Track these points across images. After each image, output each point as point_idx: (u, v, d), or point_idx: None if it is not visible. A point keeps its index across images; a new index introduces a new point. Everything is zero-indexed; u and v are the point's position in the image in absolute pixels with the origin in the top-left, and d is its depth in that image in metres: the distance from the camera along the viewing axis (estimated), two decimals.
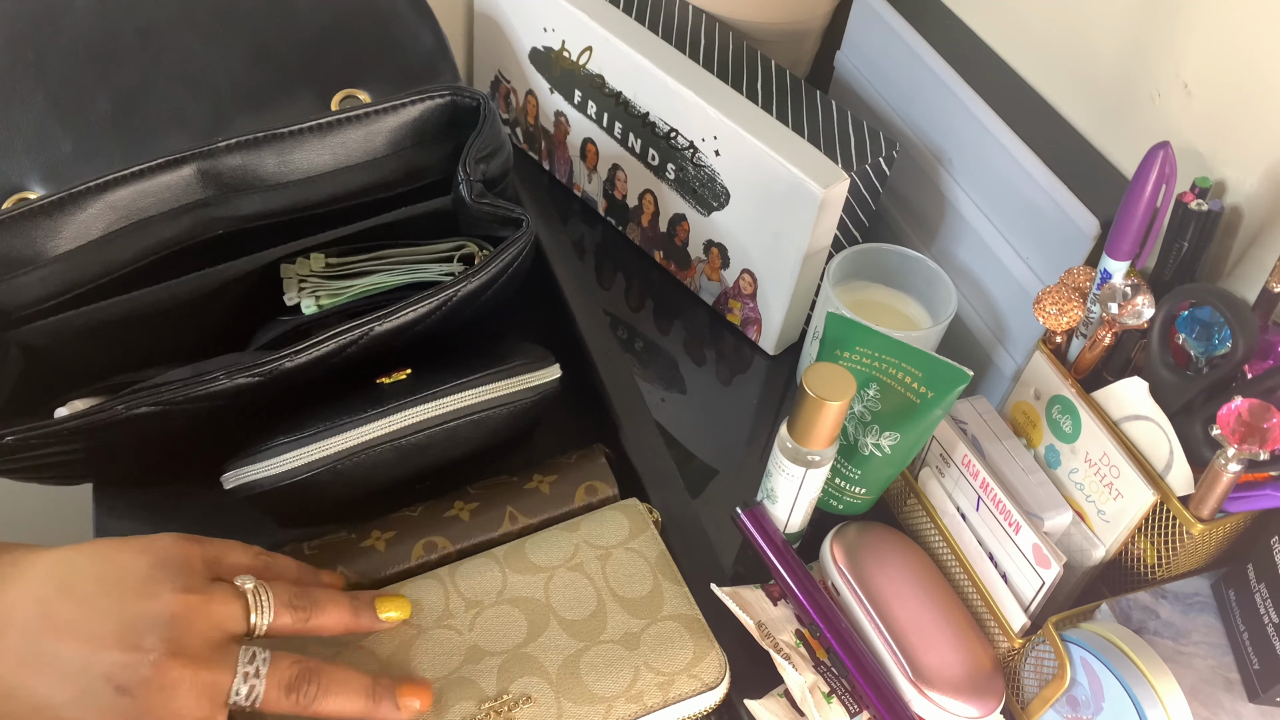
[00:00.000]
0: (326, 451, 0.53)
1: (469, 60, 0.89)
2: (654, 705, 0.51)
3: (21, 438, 0.50)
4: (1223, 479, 0.49)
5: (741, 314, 0.75)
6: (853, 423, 0.58)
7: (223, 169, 0.60)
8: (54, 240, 0.57)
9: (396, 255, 0.61)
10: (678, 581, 0.55)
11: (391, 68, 0.71)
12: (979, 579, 0.56)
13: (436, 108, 0.63)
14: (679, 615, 0.53)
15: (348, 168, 0.63)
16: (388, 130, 0.63)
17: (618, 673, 0.51)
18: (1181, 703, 0.47)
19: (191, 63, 0.67)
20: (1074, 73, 0.65)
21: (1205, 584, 0.54)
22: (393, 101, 0.62)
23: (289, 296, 0.59)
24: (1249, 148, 0.55)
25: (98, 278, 0.59)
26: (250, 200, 0.62)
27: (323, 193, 0.63)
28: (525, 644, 0.52)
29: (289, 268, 0.60)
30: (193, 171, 0.59)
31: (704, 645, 0.52)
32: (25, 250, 0.57)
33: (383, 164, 0.64)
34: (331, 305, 0.59)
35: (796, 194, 0.65)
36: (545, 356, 0.59)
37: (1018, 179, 0.64)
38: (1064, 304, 0.54)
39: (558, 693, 0.50)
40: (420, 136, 0.64)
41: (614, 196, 0.81)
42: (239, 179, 0.61)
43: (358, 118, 0.62)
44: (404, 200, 0.63)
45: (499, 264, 0.56)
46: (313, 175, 0.62)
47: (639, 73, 0.72)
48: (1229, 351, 0.50)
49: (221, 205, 0.61)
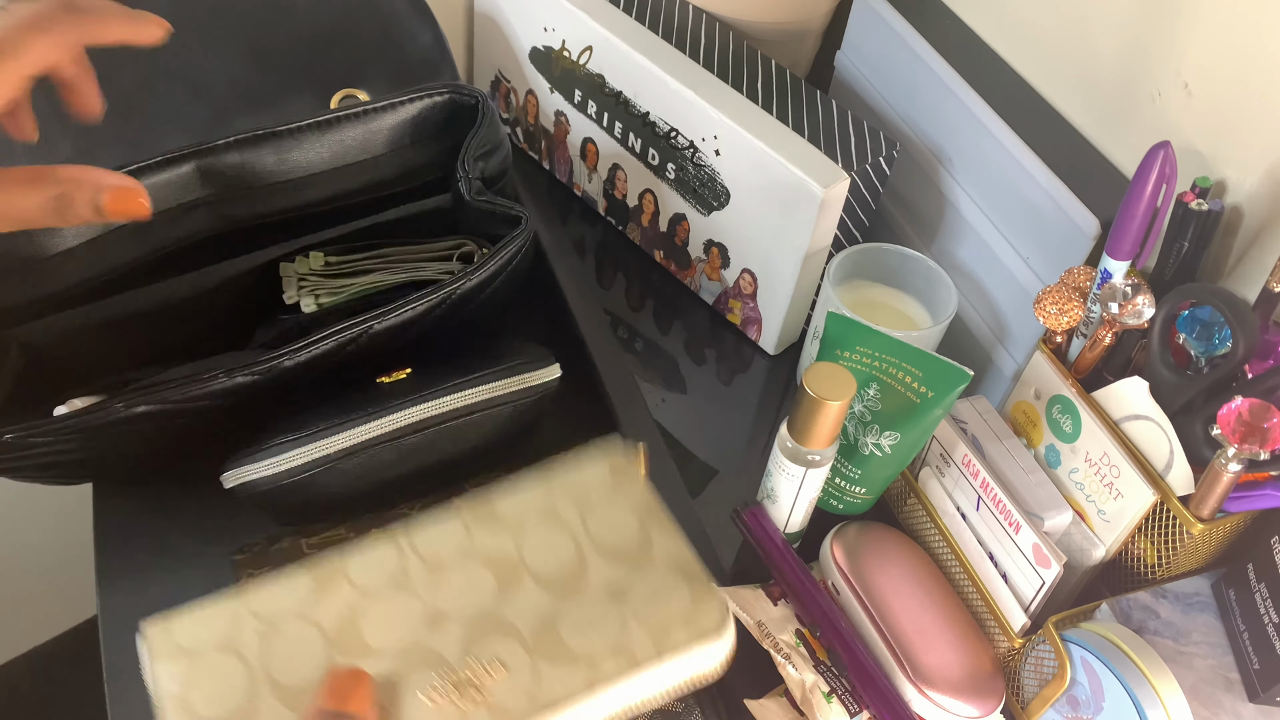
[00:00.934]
0: (326, 450, 0.53)
1: (469, 60, 0.89)
2: (646, 659, 0.44)
3: (21, 436, 0.50)
4: (1223, 479, 0.49)
5: (741, 314, 0.75)
6: (853, 423, 0.58)
7: (222, 167, 0.60)
8: (54, 238, 0.57)
9: (396, 254, 0.61)
10: (668, 525, 0.49)
11: (391, 67, 0.71)
12: (979, 579, 0.56)
13: (435, 106, 0.63)
14: (671, 561, 0.47)
15: (346, 165, 0.63)
16: (386, 128, 0.63)
17: (602, 627, 0.45)
18: (1181, 703, 0.47)
19: (191, 63, 0.67)
20: (1074, 73, 0.65)
21: (1205, 584, 0.54)
22: (391, 99, 0.62)
23: (288, 295, 0.59)
24: (1249, 148, 0.55)
25: (99, 276, 0.59)
26: (249, 199, 0.62)
27: (322, 190, 0.63)
28: (495, 605, 0.46)
29: (288, 266, 0.60)
30: (191, 169, 0.59)
31: (701, 590, 0.46)
32: (25, 248, 0.57)
33: (381, 162, 0.64)
34: (331, 304, 0.59)
35: (797, 194, 0.65)
36: (545, 356, 0.59)
37: (1018, 179, 0.64)
38: (1064, 304, 0.54)
39: (533, 655, 0.45)
40: (419, 135, 0.64)
41: (614, 196, 0.81)
42: (238, 177, 0.61)
43: (356, 116, 0.62)
44: (403, 198, 0.63)
45: (497, 262, 0.56)
46: (312, 173, 0.62)
47: (639, 72, 0.72)
48: (1229, 351, 0.50)
49: (221, 203, 0.61)
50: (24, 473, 0.54)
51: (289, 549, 0.55)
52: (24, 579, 1.01)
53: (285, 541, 0.56)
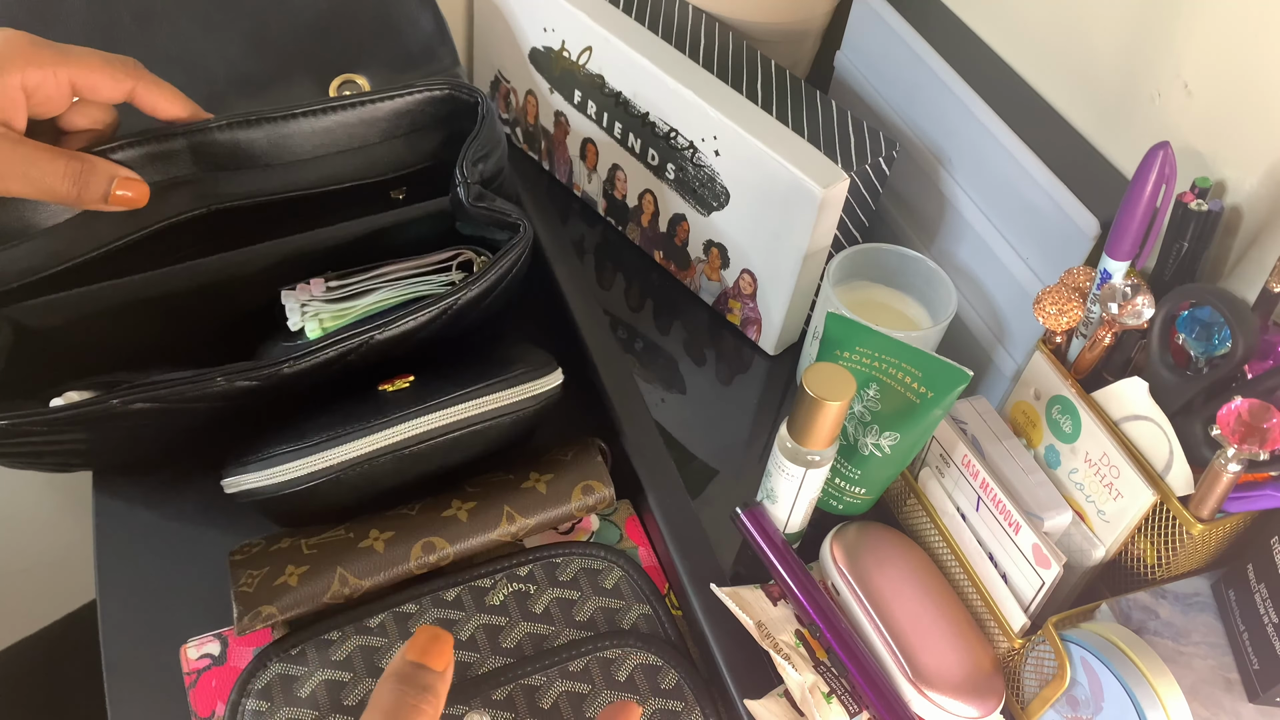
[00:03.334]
0: (329, 463, 0.53)
1: (469, 60, 0.89)
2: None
3: (14, 423, 0.50)
4: (1223, 479, 0.49)
5: (741, 314, 0.75)
6: (853, 423, 0.58)
7: (213, 146, 0.60)
8: (42, 213, 0.57)
9: (395, 271, 0.60)
10: None
11: (390, 52, 0.70)
12: (979, 579, 0.56)
13: (432, 100, 0.63)
14: None
15: (340, 153, 0.63)
16: (381, 119, 0.63)
17: None
18: (1181, 703, 0.47)
19: (189, 48, 0.67)
20: (1074, 73, 0.65)
21: (1205, 584, 0.54)
22: (388, 92, 0.62)
23: (293, 322, 0.58)
24: (1249, 148, 0.55)
25: (86, 251, 0.59)
26: (241, 179, 0.62)
27: (313, 176, 0.63)
28: None
29: (289, 294, 0.60)
30: (183, 146, 0.59)
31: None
32: (13, 224, 0.57)
33: (374, 151, 0.64)
34: (335, 328, 0.58)
35: (796, 194, 0.65)
36: (548, 362, 0.59)
37: (1018, 179, 0.64)
38: (1064, 304, 0.54)
39: None
40: (414, 128, 0.64)
41: (614, 196, 0.81)
42: (230, 158, 0.61)
43: (352, 105, 0.62)
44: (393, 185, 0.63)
45: (497, 272, 0.56)
46: (302, 158, 0.62)
47: (639, 73, 0.72)
48: (1229, 351, 0.50)
49: (212, 182, 0.61)
50: (20, 459, 0.54)
51: (288, 549, 0.55)
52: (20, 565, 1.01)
53: (284, 542, 0.56)
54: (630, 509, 0.63)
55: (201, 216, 0.62)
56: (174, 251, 0.59)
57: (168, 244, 0.59)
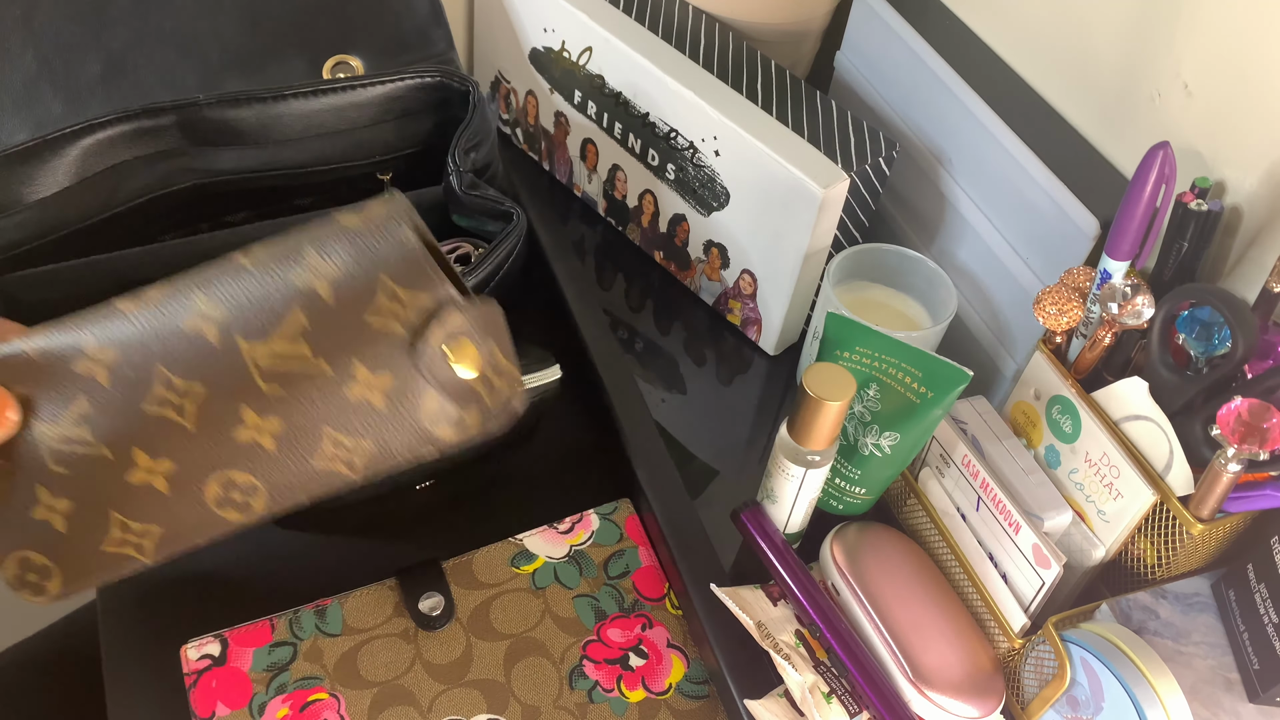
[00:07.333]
0: None
1: (469, 61, 0.89)
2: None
3: None
4: (1223, 479, 0.49)
5: (741, 314, 0.75)
6: (853, 423, 0.58)
7: (202, 124, 0.60)
8: (30, 186, 0.57)
9: None
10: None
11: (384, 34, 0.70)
12: (979, 579, 0.56)
13: (424, 86, 0.64)
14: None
15: (326, 134, 0.63)
16: (372, 103, 0.63)
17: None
18: (1181, 703, 0.47)
19: (182, 25, 0.66)
20: (1074, 73, 0.65)
21: (1205, 584, 0.54)
22: (380, 77, 0.63)
23: None
24: (1249, 148, 0.55)
25: (74, 223, 0.59)
26: (227, 155, 0.62)
27: (300, 156, 0.63)
28: None
29: None
30: (171, 121, 0.60)
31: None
32: (2, 197, 0.57)
33: (362, 134, 0.64)
34: None
35: (796, 194, 0.65)
36: (546, 357, 0.59)
37: (1018, 179, 0.64)
38: (1064, 304, 0.54)
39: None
40: (404, 113, 0.64)
41: (614, 197, 0.81)
42: (218, 133, 0.61)
43: (343, 88, 0.62)
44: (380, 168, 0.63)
45: (494, 261, 0.56)
46: (289, 138, 0.62)
47: (639, 73, 0.72)
48: (1229, 351, 0.50)
49: (199, 157, 0.61)
50: None
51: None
52: None
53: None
54: (630, 509, 0.63)
55: (190, 189, 0.62)
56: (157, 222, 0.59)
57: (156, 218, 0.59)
